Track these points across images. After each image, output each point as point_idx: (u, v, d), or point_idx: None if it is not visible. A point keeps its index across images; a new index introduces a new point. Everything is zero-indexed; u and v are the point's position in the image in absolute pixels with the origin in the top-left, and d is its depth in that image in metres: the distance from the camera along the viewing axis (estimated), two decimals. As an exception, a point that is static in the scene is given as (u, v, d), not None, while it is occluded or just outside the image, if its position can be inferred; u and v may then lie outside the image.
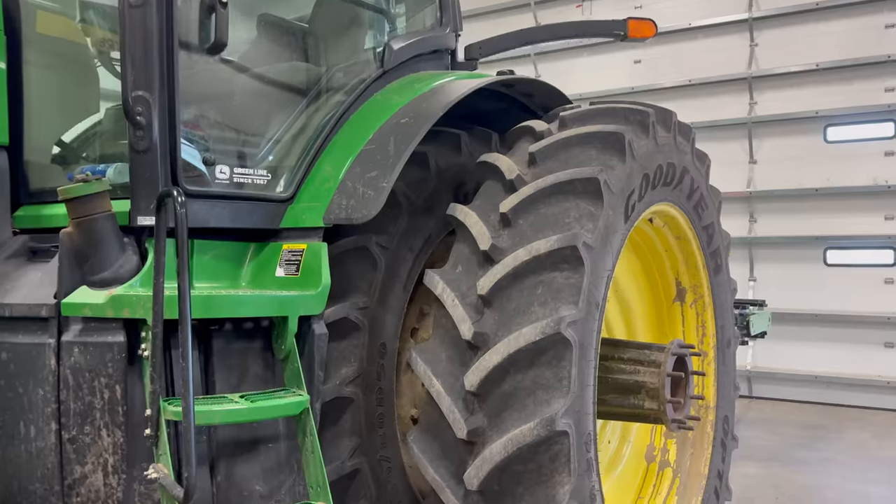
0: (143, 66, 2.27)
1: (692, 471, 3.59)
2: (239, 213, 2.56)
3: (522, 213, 2.45)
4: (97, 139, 2.90)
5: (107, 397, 2.16)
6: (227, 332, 2.40)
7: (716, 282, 3.66)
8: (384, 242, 2.85)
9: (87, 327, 2.17)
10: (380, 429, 2.84)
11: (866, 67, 8.18)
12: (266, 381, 2.45)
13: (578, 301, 2.30)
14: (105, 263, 2.23)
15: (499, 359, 2.25)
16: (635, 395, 3.01)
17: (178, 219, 2.02)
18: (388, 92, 3.06)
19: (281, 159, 2.77)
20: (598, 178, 2.42)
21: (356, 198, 2.58)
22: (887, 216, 8.14)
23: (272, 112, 2.86)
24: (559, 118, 2.81)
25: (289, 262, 2.59)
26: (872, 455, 6.36)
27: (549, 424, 2.18)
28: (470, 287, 2.42)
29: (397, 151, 2.64)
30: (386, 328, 2.86)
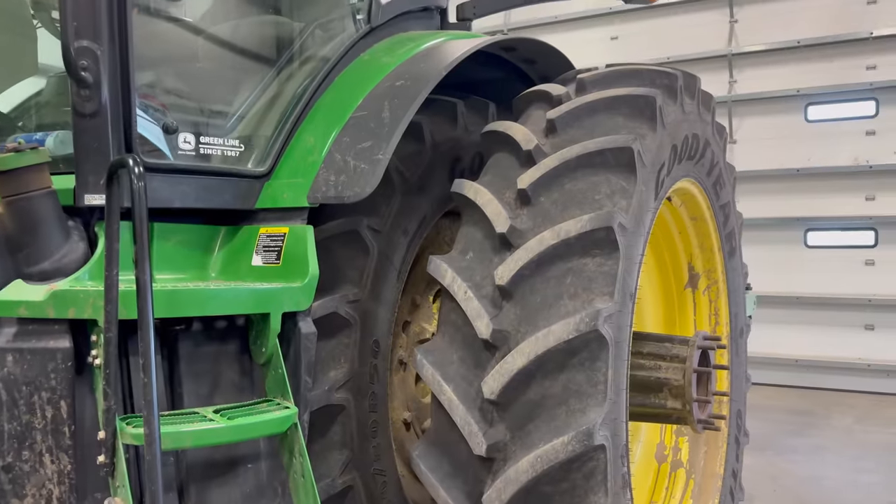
0: (88, 9, 1.85)
1: (707, 471, 3.31)
2: (207, 190, 2.16)
3: (544, 190, 2.10)
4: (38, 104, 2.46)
5: (49, 416, 1.76)
6: (196, 333, 2.01)
7: (730, 266, 3.37)
8: (376, 225, 2.48)
9: (23, 330, 1.76)
10: (373, 439, 2.48)
11: (848, 44, 8.02)
12: (243, 390, 2.07)
13: (614, 291, 1.96)
14: (44, 252, 1.82)
15: (524, 361, 1.90)
16: (656, 393, 2.70)
17: (135, 195, 1.61)
18: (376, 52, 2.67)
19: (256, 128, 2.37)
20: (633, 148, 2.08)
21: (347, 172, 2.20)
22: (868, 197, 8.03)
23: (244, 73, 2.45)
24: (576, 81, 2.46)
25: (267, 249, 2.20)
26: (860, 440, 6.24)
27: (585, 438, 1.84)
28: (485, 276, 2.06)
29: (394, 118, 2.27)
30: (379, 323, 2.49)
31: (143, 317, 1.55)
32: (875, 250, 8.00)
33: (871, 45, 7.93)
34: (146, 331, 1.54)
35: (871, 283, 7.94)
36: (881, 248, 7.96)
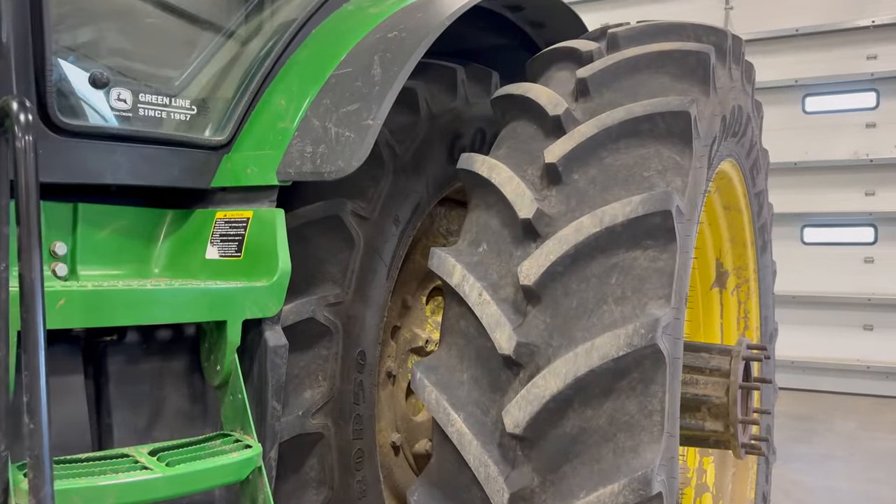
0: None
1: (736, 496, 2.91)
2: (149, 163, 1.69)
3: (579, 165, 1.65)
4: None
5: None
6: (131, 346, 1.54)
7: (762, 262, 2.97)
8: (362, 211, 2.02)
9: None
10: (357, 472, 2.02)
11: (848, 33, 7.80)
12: (193, 420, 1.60)
13: (671, 294, 1.52)
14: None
15: (559, 385, 1.45)
16: (693, 413, 2.28)
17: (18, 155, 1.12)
18: (362, 1, 2.21)
19: (213, 87, 1.90)
20: (690, 113, 1.65)
21: (327, 142, 1.74)
22: (868, 192, 7.79)
23: (199, 20, 1.97)
24: (608, 36, 2.02)
25: (226, 238, 1.74)
26: (866, 447, 5.96)
27: (641, 487, 1.40)
28: (504, 275, 1.62)
29: (386, 76, 1.81)
30: (366, 330, 2.04)
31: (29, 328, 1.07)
32: (874, 247, 7.78)
33: (872, 34, 7.70)
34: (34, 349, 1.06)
35: (870, 282, 7.72)
36: (881, 245, 7.75)
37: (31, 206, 1.07)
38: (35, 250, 1.05)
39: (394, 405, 2.42)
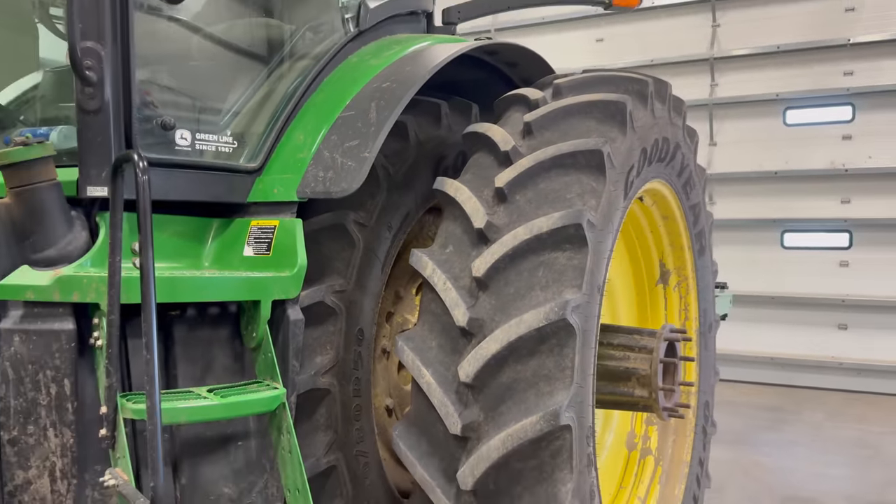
0: (93, 11, 1.97)
1: (674, 458, 3.47)
2: (201, 184, 2.29)
3: (520, 188, 2.24)
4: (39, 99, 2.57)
5: (54, 393, 1.89)
6: (190, 318, 2.14)
7: (700, 264, 3.53)
8: (362, 220, 2.61)
9: (29, 313, 1.88)
10: (356, 422, 2.62)
11: (826, 51, 8.23)
12: (235, 372, 2.20)
13: (582, 284, 2.11)
14: (49, 240, 1.94)
15: (497, 347, 2.05)
16: (625, 382, 2.86)
17: (139, 188, 1.74)
18: (364, 54, 2.80)
19: (248, 125, 2.50)
20: (603, 151, 2.23)
21: (335, 169, 2.34)
22: (843, 200, 8.24)
23: (238, 72, 2.58)
24: (553, 86, 2.61)
25: (258, 241, 2.34)
26: (829, 436, 6.45)
27: (552, 418, 1.99)
28: (463, 269, 2.21)
29: (380, 118, 2.40)
30: (364, 313, 2.63)
31: (146, 300, 1.68)
32: (849, 252, 8.22)
33: (848, 52, 8.14)
34: (149, 313, 1.67)
35: (845, 284, 8.15)
36: (855, 249, 8.18)
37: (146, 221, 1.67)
38: (149, 250, 1.66)
39: (388, 376, 3.00)
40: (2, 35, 2.73)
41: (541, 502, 2.04)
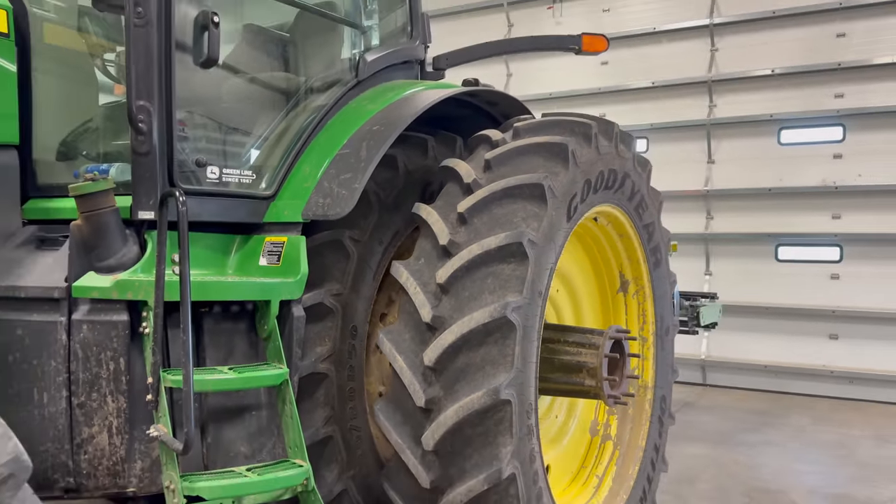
0: (145, 78, 2.59)
1: (631, 443, 3.99)
2: (227, 208, 2.89)
3: (477, 213, 2.82)
4: (98, 139, 3.20)
5: (111, 368, 2.49)
6: (217, 313, 2.74)
7: (656, 275, 4.05)
8: (356, 236, 3.20)
9: (94, 307, 2.49)
10: (350, 401, 3.19)
11: (818, 74, 8.64)
12: (250, 357, 2.80)
13: (523, 290, 2.67)
14: (110, 252, 2.55)
15: (453, 338, 2.62)
16: (577, 373, 3.40)
17: (180, 215, 2.35)
18: (362, 100, 3.40)
19: (264, 160, 3.11)
20: (543, 184, 2.80)
21: (332, 196, 2.93)
22: (834, 215, 8.62)
23: (257, 117, 3.20)
24: (513, 129, 3.18)
25: (271, 253, 2.93)
26: (810, 438, 6.83)
27: (494, 394, 2.55)
28: (430, 277, 2.79)
29: (369, 156, 2.99)
30: (357, 312, 3.21)
31: (183, 298, 2.29)
32: (840, 265, 8.58)
33: (839, 75, 8.54)
34: (186, 309, 2.27)
35: (836, 296, 8.50)
36: (846, 263, 8.53)
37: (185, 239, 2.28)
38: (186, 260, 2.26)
39: (381, 367, 3.56)
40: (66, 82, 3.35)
41: (486, 461, 2.61)
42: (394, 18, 3.90)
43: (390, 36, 3.92)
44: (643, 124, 9.61)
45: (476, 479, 2.59)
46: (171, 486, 2.33)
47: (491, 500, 2.63)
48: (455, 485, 2.63)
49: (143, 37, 2.57)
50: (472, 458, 2.61)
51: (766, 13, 8.88)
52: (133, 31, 2.56)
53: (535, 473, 2.78)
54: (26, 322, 2.54)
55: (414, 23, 3.90)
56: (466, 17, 10.90)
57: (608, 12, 9.97)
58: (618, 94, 9.81)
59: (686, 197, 9.30)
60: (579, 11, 10.16)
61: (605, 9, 9.99)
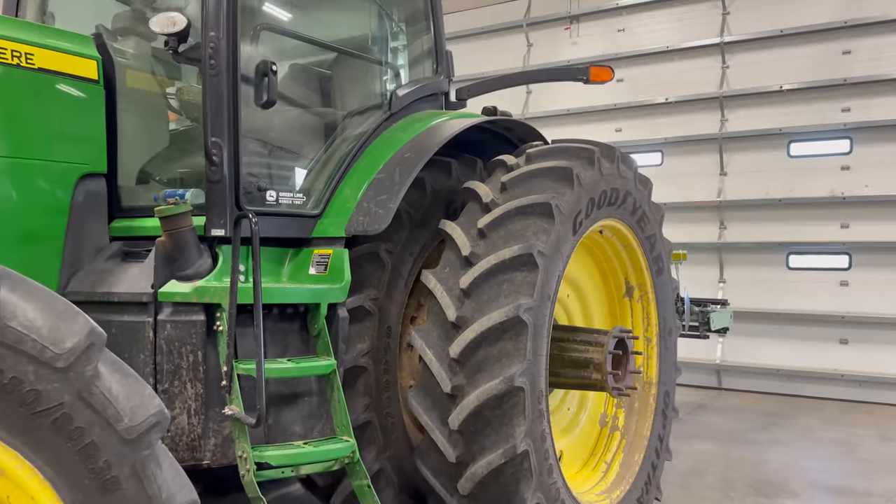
0: (217, 118, 3.11)
1: (637, 434, 4.43)
2: (282, 225, 3.41)
3: (494, 228, 3.31)
4: (169, 166, 3.73)
5: (190, 360, 3.00)
6: (275, 314, 3.25)
7: (658, 281, 4.50)
8: (390, 248, 3.70)
9: (176, 310, 3.00)
10: (386, 392, 3.68)
11: (825, 89, 8.99)
12: (302, 351, 3.30)
13: (534, 294, 3.15)
14: (188, 263, 3.06)
15: (474, 334, 3.10)
16: (585, 368, 3.86)
17: (253, 234, 2.87)
18: (394, 130, 3.91)
19: (312, 184, 3.62)
20: (551, 203, 3.28)
21: (370, 215, 3.43)
22: (843, 224, 8.95)
23: (306, 147, 3.72)
24: (526, 154, 3.66)
25: (319, 263, 3.43)
26: (817, 437, 7.17)
27: (509, 381, 3.03)
28: (455, 283, 3.27)
29: (401, 179, 3.49)
30: (391, 315, 3.70)
31: (256, 301, 2.80)
32: (849, 272, 8.89)
33: (845, 90, 8.89)
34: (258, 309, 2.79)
35: (846, 302, 8.80)
36: (854, 270, 8.83)
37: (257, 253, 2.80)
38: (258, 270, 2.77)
39: (412, 364, 4.04)
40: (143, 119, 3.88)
41: (503, 439, 3.08)
42: (421, 57, 4.41)
43: (418, 72, 4.43)
44: (658, 138, 10.04)
45: (495, 454, 3.06)
46: (243, 455, 2.83)
47: (508, 473, 3.09)
48: (477, 459, 3.11)
49: (216, 85, 3.10)
50: (491, 437, 3.08)
51: (774, 32, 9.27)
52: (208, 80, 3.09)
53: (546, 451, 3.24)
54: (119, 322, 3.06)
55: (439, 60, 4.41)
56: (487, 37, 11.43)
57: (623, 32, 10.42)
58: (633, 110, 10.24)
59: (700, 208, 9.69)
60: (595, 32, 10.63)
61: (620, 28, 10.44)
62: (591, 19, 10.69)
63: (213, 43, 3.07)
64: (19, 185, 3.10)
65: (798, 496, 5.42)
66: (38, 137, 3.15)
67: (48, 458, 1.50)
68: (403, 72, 4.37)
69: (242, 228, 2.99)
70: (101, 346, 1.59)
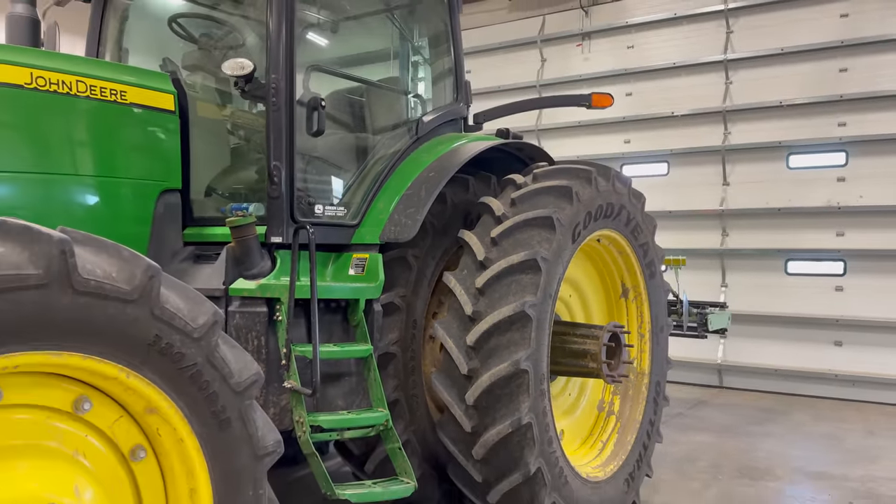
0: (277, 145, 3.78)
1: (630, 418, 5.04)
2: (327, 234, 4.06)
3: (504, 238, 3.95)
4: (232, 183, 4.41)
5: (255, 344, 3.65)
6: (322, 307, 3.89)
7: (651, 284, 5.12)
8: (416, 254, 4.35)
9: (243, 303, 3.66)
10: (412, 376, 4.33)
11: (823, 105, 9.46)
12: (344, 338, 3.96)
13: (537, 292, 3.78)
14: (253, 265, 3.73)
15: (487, 326, 3.74)
16: (583, 358, 4.48)
17: (311, 242, 3.55)
18: (420, 152, 4.56)
19: (351, 199, 4.28)
20: (552, 217, 3.92)
21: (400, 225, 4.08)
22: (838, 233, 9.41)
23: (346, 168, 4.38)
24: (532, 174, 4.30)
25: (357, 266, 4.09)
26: (807, 431, 7.70)
27: (515, 365, 3.67)
28: (471, 283, 3.92)
29: (427, 195, 4.14)
30: (417, 310, 4.35)
31: (313, 296, 3.46)
32: (844, 278, 9.32)
33: (842, 106, 9.36)
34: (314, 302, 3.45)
35: (840, 306, 9.25)
36: (849, 276, 9.26)
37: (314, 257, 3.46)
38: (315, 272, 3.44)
39: (432, 353, 4.69)
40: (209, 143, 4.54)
41: (510, 412, 3.71)
42: (443, 87, 5.07)
43: (440, 98, 5.08)
44: (664, 150, 10.61)
45: (503, 425, 3.70)
46: (300, 420, 3.48)
47: (514, 441, 3.73)
48: (489, 429, 3.74)
49: (277, 118, 3.77)
50: (501, 411, 3.72)
51: (775, 50, 9.80)
52: (271, 114, 3.75)
53: (547, 424, 3.87)
54: (195, 313, 3.73)
55: (459, 89, 5.06)
56: (504, 52, 12.05)
57: (632, 49, 11.01)
58: (641, 123, 10.81)
59: (703, 216, 10.25)
60: (606, 48, 11.23)
61: (630, 45, 11.03)
62: (603, 36, 11.28)
63: (275, 84, 3.74)
64: (113, 199, 3.77)
65: (780, 479, 6.00)
66: (128, 160, 3.83)
67: (186, 402, 2.14)
68: (428, 100, 5.02)
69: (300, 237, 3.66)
70: (221, 324, 2.23)
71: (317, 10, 4.75)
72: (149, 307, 2.00)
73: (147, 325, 2.00)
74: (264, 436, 2.37)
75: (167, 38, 4.74)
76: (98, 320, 1.89)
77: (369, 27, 5.23)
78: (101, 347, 1.91)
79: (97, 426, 2.08)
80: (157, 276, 2.02)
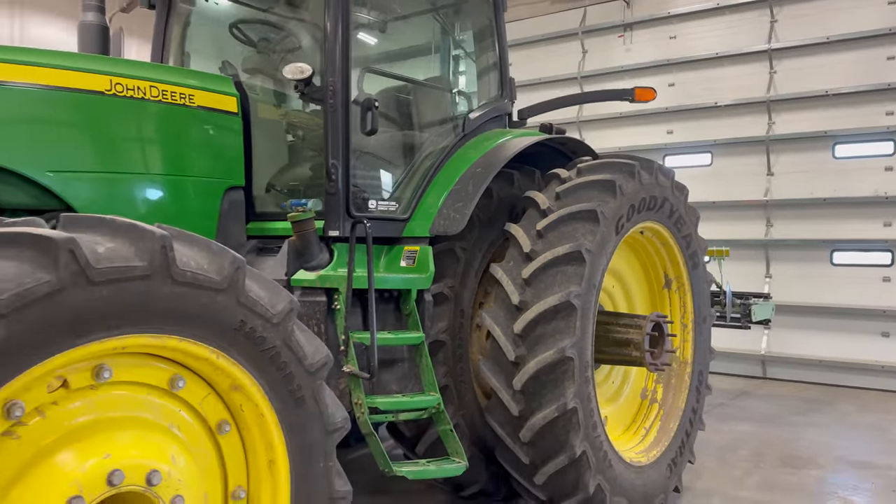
0: (334, 144, 4.00)
1: (673, 406, 5.17)
2: (380, 227, 4.27)
3: (550, 230, 4.11)
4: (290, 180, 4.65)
5: (315, 331, 3.89)
6: (376, 297, 4.11)
7: (694, 275, 5.23)
8: (464, 246, 4.54)
9: (304, 292, 3.89)
10: (460, 363, 4.53)
11: (870, 94, 9.40)
12: (397, 327, 4.17)
13: (582, 283, 3.94)
14: (312, 257, 3.96)
15: (533, 315, 3.92)
16: (626, 346, 4.63)
17: (368, 235, 3.76)
18: (467, 148, 4.74)
19: (402, 194, 4.49)
20: (596, 210, 4.07)
21: (449, 219, 4.27)
22: (886, 223, 9.36)
23: (397, 166, 4.59)
24: (576, 168, 4.45)
25: (408, 258, 4.29)
26: (851, 421, 7.71)
27: (561, 352, 3.84)
28: (517, 274, 4.09)
29: (474, 190, 4.32)
30: (464, 300, 4.54)
31: (370, 286, 3.68)
32: (891, 269, 9.26)
33: (890, 95, 9.28)
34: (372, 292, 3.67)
35: (887, 297, 9.21)
36: None
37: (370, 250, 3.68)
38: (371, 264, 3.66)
39: (479, 341, 4.88)
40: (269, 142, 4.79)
41: (556, 398, 3.89)
42: (488, 84, 5.24)
43: (485, 95, 5.25)
44: (708, 140, 10.62)
45: (549, 409, 3.88)
46: (358, 402, 3.72)
47: (560, 425, 3.91)
48: (535, 413, 3.93)
49: (334, 118, 3.99)
50: (547, 396, 3.90)
51: (820, 39, 9.73)
52: (329, 115, 3.98)
53: (591, 410, 4.04)
54: (258, 302, 3.98)
55: (503, 86, 5.22)
56: (545, 44, 12.15)
57: (675, 39, 11.01)
58: (684, 113, 10.82)
59: (747, 206, 10.24)
60: (647, 39, 11.25)
61: (672, 36, 11.03)
62: (644, 27, 11.30)
63: (332, 86, 3.96)
64: (183, 196, 4.04)
65: (823, 468, 6.06)
66: (196, 159, 4.08)
67: (267, 381, 2.38)
68: (473, 97, 5.20)
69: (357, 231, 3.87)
70: (296, 311, 2.46)
71: (367, 11, 4.95)
72: (235, 295, 2.23)
73: (234, 312, 2.23)
74: (333, 413, 2.59)
75: (226, 42, 5.00)
76: (192, 307, 2.12)
77: (416, 26, 5.43)
78: (195, 331, 2.15)
79: (189, 402, 2.33)
80: (242, 268, 2.25)
